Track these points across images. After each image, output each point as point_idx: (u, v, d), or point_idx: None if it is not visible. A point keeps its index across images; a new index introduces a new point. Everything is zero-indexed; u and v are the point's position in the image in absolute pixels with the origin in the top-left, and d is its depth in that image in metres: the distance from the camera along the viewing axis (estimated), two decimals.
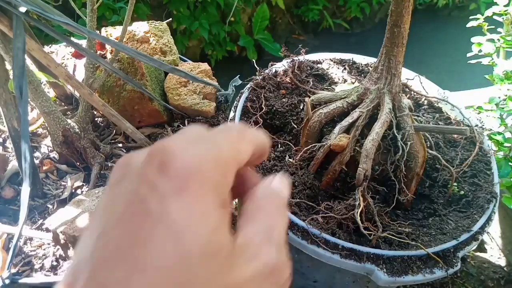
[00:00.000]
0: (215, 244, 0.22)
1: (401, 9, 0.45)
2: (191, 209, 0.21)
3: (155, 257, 0.20)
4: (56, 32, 0.52)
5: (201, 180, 0.22)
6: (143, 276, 0.20)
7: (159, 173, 0.21)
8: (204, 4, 2.73)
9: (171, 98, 0.72)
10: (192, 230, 0.21)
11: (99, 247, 0.21)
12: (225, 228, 0.23)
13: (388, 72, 0.50)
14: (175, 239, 0.21)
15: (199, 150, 0.22)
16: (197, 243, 0.21)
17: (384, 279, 0.44)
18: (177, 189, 0.21)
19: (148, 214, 0.21)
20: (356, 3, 3.41)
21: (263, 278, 0.23)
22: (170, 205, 0.21)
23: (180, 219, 0.21)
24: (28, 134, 0.48)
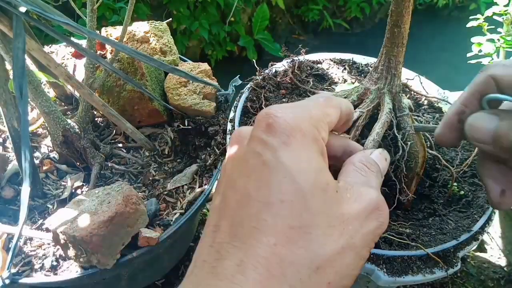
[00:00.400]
0: (322, 181, 0.28)
1: (401, 9, 0.45)
2: (298, 156, 0.27)
3: (277, 194, 0.26)
4: (56, 32, 0.52)
5: (302, 134, 0.28)
6: (271, 209, 0.26)
7: (268, 132, 0.28)
8: (204, 4, 2.73)
9: (171, 98, 0.72)
10: (302, 172, 0.27)
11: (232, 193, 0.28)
12: (327, 170, 0.29)
13: (388, 72, 0.50)
14: (290, 180, 0.27)
15: (296, 112, 0.29)
16: (308, 181, 0.27)
17: (384, 279, 0.44)
18: (284, 142, 0.27)
19: (265, 164, 0.27)
20: (356, 3, 3.41)
21: (368, 213, 0.29)
22: (281, 155, 0.27)
23: (291, 164, 0.27)
24: (28, 134, 0.48)
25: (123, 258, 0.54)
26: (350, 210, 0.29)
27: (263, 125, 0.28)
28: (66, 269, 0.55)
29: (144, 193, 0.66)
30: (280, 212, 0.26)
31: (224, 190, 0.29)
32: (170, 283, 0.76)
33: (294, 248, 0.26)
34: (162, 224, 0.60)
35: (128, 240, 0.54)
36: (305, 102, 0.31)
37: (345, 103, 0.33)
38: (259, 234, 0.26)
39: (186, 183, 0.66)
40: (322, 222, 0.27)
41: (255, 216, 0.27)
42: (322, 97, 0.32)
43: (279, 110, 0.29)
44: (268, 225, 0.26)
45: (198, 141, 0.70)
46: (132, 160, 0.69)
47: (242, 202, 0.27)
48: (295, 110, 0.29)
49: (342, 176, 0.33)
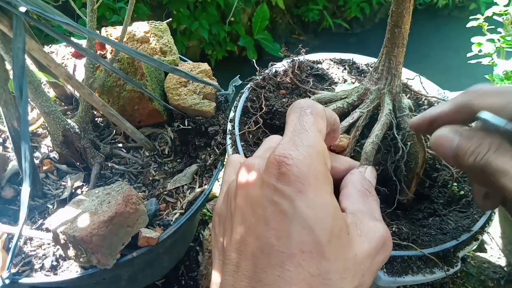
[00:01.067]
0: (337, 227, 0.29)
1: (402, 10, 0.45)
2: (314, 204, 0.29)
3: (298, 245, 0.28)
4: (56, 32, 0.52)
5: (314, 177, 0.29)
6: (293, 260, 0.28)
7: (282, 181, 0.29)
8: (204, 4, 2.73)
9: (171, 98, 0.72)
10: (318, 221, 0.28)
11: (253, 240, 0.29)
12: (339, 211, 0.31)
13: (389, 72, 0.50)
14: (309, 230, 0.28)
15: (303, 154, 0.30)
16: (325, 230, 0.28)
17: (384, 279, 0.44)
18: (299, 191, 0.29)
19: (283, 213, 0.28)
20: (356, 3, 3.41)
21: (378, 250, 0.31)
22: (298, 205, 0.28)
23: (308, 214, 0.28)
24: (28, 134, 0.48)
25: (123, 258, 0.54)
26: (362, 249, 0.31)
27: (276, 173, 0.29)
28: (66, 269, 0.55)
29: (144, 193, 0.66)
30: (301, 262, 0.28)
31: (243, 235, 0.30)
32: (170, 283, 0.76)
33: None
34: (162, 224, 0.60)
35: (128, 240, 0.54)
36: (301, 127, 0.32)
37: (327, 110, 0.34)
38: (283, 283, 0.28)
39: (186, 183, 0.66)
40: (338, 267, 0.29)
41: (278, 265, 0.28)
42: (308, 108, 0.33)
43: (288, 154, 0.29)
44: (291, 275, 0.28)
45: (198, 141, 0.70)
46: (132, 160, 0.69)
47: (264, 250, 0.29)
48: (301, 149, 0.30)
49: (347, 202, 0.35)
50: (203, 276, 0.77)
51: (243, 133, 0.56)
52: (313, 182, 0.29)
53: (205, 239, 0.82)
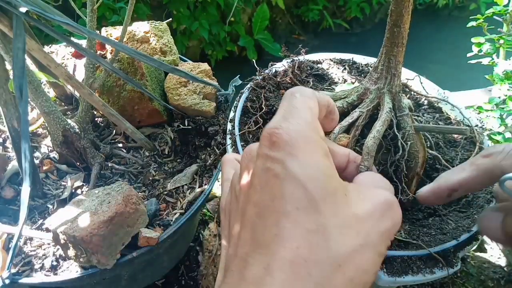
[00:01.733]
0: (331, 186, 0.30)
1: (401, 9, 0.45)
2: (305, 164, 0.29)
3: (292, 203, 0.28)
4: (56, 32, 0.52)
5: (304, 141, 0.30)
6: (289, 217, 0.28)
7: (273, 148, 0.30)
8: (204, 4, 2.73)
9: (171, 98, 0.72)
10: (310, 179, 0.29)
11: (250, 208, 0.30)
12: (335, 173, 0.31)
13: (388, 72, 0.50)
14: (300, 187, 0.28)
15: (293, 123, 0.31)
16: (317, 187, 0.29)
17: (384, 279, 0.44)
18: (290, 153, 0.29)
19: (276, 176, 0.29)
20: (356, 3, 3.41)
21: (383, 212, 0.31)
22: (290, 166, 0.29)
23: (300, 173, 0.29)
24: (28, 134, 0.48)
25: (123, 258, 0.54)
26: (364, 209, 0.30)
27: (267, 143, 0.30)
28: (66, 269, 0.55)
29: (144, 193, 0.66)
30: (297, 218, 0.28)
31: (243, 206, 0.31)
32: (170, 283, 0.76)
33: (316, 249, 0.28)
34: (162, 224, 0.60)
35: (128, 240, 0.54)
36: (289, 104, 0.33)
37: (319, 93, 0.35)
38: (282, 240, 0.28)
39: (186, 183, 0.66)
40: (337, 223, 0.29)
41: (275, 225, 0.29)
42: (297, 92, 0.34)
43: (278, 126, 0.31)
44: (289, 231, 0.28)
45: (198, 141, 0.70)
46: (132, 160, 0.69)
47: (260, 214, 0.29)
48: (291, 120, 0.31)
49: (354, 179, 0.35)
50: (203, 276, 0.77)
51: (243, 133, 0.56)
52: (303, 146, 0.30)
53: (205, 239, 0.82)
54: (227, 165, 0.40)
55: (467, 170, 0.37)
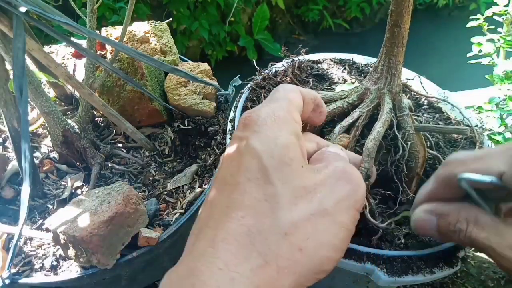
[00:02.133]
0: (287, 156, 0.31)
1: (401, 9, 0.45)
2: (266, 138, 0.31)
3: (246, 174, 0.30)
4: (56, 32, 0.52)
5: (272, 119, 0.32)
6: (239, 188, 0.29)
7: (244, 129, 0.32)
8: (204, 4, 2.73)
9: (171, 98, 0.72)
10: (267, 150, 0.30)
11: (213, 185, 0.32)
12: (296, 148, 0.32)
13: (388, 72, 0.50)
14: (257, 160, 0.30)
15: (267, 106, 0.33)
16: (272, 158, 0.30)
17: (384, 279, 0.44)
18: (255, 131, 0.31)
19: (239, 152, 0.31)
20: (356, 3, 3.41)
21: (336, 179, 0.31)
22: (252, 142, 0.31)
23: (259, 146, 0.30)
24: (28, 134, 0.48)
25: (123, 258, 0.54)
26: (317, 179, 0.31)
27: (241, 126, 0.33)
28: (66, 269, 0.55)
29: (144, 193, 0.66)
30: (247, 189, 0.29)
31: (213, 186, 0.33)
32: None
33: (261, 217, 0.28)
34: (162, 224, 0.60)
35: (128, 240, 0.54)
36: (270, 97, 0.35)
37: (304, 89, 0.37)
38: (230, 211, 0.29)
39: (186, 183, 0.66)
40: (287, 193, 0.29)
41: (227, 197, 0.30)
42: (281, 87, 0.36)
43: (253, 112, 0.33)
44: (237, 202, 0.29)
45: (198, 141, 0.70)
46: (132, 160, 0.69)
47: (218, 189, 0.31)
48: (266, 105, 0.34)
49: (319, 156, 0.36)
50: None
51: None
52: (270, 124, 0.32)
53: None
54: None
55: (430, 182, 0.39)
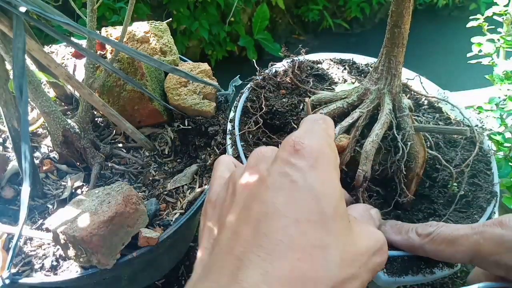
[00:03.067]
0: (342, 209, 0.30)
1: (402, 10, 0.45)
2: (324, 180, 0.30)
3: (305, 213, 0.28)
4: (57, 32, 0.52)
5: (327, 160, 0.31)
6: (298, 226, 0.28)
7: (296, 156, 0.30)
8: (204, 4, 2.73)
9: (171, 98, 0.72)
10: (326, 196, 0.29)
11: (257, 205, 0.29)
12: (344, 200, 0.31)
13: (389, 72, 0.50)
14: (315, 200, 0.29)
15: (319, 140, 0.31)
16: (331, 206, 0.29)
17: (384, 279, 0.44)
18: (312, 166, 0.30)
19: (294, 183, 0.29)
20: (356, 3, 3.41)
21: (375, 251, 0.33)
22: (309, 177, 0.29)
23: (318, 187, 0.29)
24: (28, 134, 0.48)
25: (123, 258, 0.54)
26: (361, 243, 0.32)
27: (291, 150, 0.30)
28: (66, 269, 0.55)
29: (144, 193, 0.66)
30: (306, 230, 0.28)
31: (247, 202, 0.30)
32: (170, 283, 0.76)
33: (316, 265, 0.28)
34: (162, 224, 0.60)
35: (128, 240, 0.54)
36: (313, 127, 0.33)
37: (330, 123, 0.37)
38: (285, 248, 0.27)
39: (186, 183, 0.66)
40: (339, 246, 0.29)
41: (282, 230, 0.28)
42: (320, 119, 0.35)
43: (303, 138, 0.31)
44: (294, 241, 0.27)
45: (198, 141, 0.70)
46: (132, 160, 0.69)
47: (268, 215, 0.28)
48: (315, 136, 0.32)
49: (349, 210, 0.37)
50: None
51: (243, 133, 0.56)
52: (324, 163, 0.30)
53: None
54: (223, 164, 0.39)
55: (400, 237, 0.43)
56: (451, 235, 0.39)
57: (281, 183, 0.29)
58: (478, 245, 0.37)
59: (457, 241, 0.38)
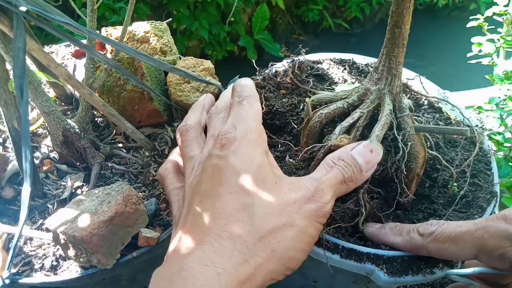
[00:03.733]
0: (261, 174, 0.37)
1: (402, 10, 0.45)
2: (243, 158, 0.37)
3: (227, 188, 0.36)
4: (59, 31, 0.52)
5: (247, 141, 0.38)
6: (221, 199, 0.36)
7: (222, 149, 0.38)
8: (204, 4, 2.73)
9: (174, 94, 0.71)
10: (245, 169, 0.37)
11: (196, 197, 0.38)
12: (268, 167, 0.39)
13: (389, 72, 0.50)
14: (236, 176, 0.36)
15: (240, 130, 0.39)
16: (249, 176, 0.36)
17: (384, 279, 0.44)
18: (233, 151, 0.37)
19: (220, 169, 0.37)
20: (356, 3, 3.41)
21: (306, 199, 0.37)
22: (231, 160, 0.37)
23: (238, 165, 0.37)
24: (28, 134, 0.48)
25: (123, 258, 0.54)
26: (288, 196, 0.37)
27: (218, 146, 0.39)
28: (66, 269, 0.55)
29: (144, 193, 0.66)
30: (228, 200, 0.35)
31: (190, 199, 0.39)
32: None
33: (241, 224, 0.34)
34: (162, 224, 0.60)
35: (128, 240, 0.54)
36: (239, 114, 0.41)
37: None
38: (213, 219, 0.35)
39: None
40: (262, 204, 0.36)
41: (211, 207, 0.36)
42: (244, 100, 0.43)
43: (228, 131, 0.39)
44: (219, 211, 0.35)
45: None
46: (132, 160, 0.69)
47: (201, 201, 0.37)
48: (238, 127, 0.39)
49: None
50: None
51: None
52: (245, 146, 0.38)
53: None
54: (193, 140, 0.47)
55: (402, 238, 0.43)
56: (455, 232, 0.38)
57: (211, 174, 0.37)
58: (483, 240, 0.36)
59: (461, 238, 0.38)
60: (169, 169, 0.48)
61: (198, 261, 0.32)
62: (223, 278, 0.32)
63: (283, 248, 0.35)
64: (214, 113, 0.47)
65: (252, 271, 0.33)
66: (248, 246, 0.34)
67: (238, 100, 0.43)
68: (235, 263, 0.33)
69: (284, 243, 0.35)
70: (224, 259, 0.33)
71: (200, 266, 0.32)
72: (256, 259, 0.34)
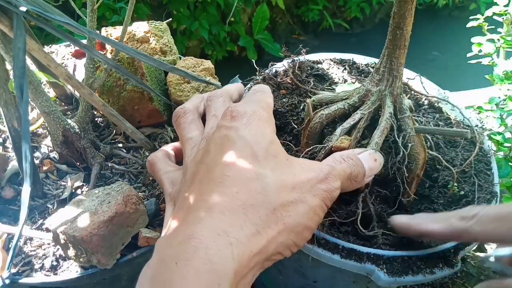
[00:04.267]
0: (273, 150, 0.37)
1: (404, 12, 0.45)
2: (255, 132, 0.36)
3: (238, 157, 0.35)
4: (59, 32, 0.52)
5: (258, 117, 0.38)
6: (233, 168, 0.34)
7: (232, 120, 0.37)
8: (204, 4, 2.73)
9: (174, 94, 0.71)
10: (257, 142, 0.36)
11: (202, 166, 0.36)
12: (278, 143, 0.38)
13: (390, 74, 0.50)
14: (249, 148, 0.35)
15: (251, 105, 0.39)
16: (262, 149, 0.36)
17: (384, 279, 0.44)
18: (245, 124, 0.37)
19: (230, 139, 0.36)
20: (356, 3, 3.41)
21: (319, 179, 0.37)
22: (242, 133, 0.36)
23: (250, 137, 0.36)
24: (28, 134, 0.48)
25: (123, 258, 0.54)
26: (302, 174, 0.37)
27: (228, 117, 0.38)
28: (66, 269, 0.55)
29: (144, 193, 0.65)
30: (240, 169, 0.34)
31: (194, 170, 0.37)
32: None
33: (254, 194, 0.33)
34: (162, 224, 0.60)
35: (128, 240, 0.54)
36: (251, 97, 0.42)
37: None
38: (224, 186, 0.33)
39: None
40: (275, 177, 0.35)
41: (220, 174, 0.34)
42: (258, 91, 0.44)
43: (239, 106, 0.38)
44: (230, 179, 0.34)
45: None
46: (132, 160, 0.69)
47: (209, 169, 0.35)
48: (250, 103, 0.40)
49: None
50: None
51: None
52: (256, 120, 0.37)
53: None
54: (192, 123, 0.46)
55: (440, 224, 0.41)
56: (501, 212, 0.37)
57: (221, 144, 0.36)
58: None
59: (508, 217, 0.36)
60: (160, 156, 0.46)
61: (209, 229, 0.31)
62: (235, 249, 0.30)
63: (294, 223, 0.34)
64: (213, 96, 0.47)
65: (265, 243, 0.32)
66: (261, 217, 0.32)
67: (253, 92, 0.43)
68: (248, 234, 0.32)
69: (294, 218, 0.34)
70: (236, 228, 0.31)
71: (211, 235, 0.30)
72: (268, 231, 0.33)
